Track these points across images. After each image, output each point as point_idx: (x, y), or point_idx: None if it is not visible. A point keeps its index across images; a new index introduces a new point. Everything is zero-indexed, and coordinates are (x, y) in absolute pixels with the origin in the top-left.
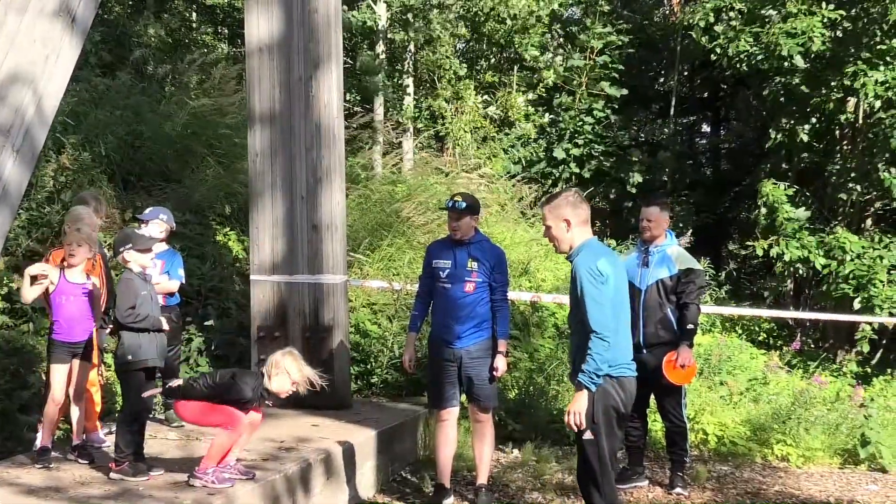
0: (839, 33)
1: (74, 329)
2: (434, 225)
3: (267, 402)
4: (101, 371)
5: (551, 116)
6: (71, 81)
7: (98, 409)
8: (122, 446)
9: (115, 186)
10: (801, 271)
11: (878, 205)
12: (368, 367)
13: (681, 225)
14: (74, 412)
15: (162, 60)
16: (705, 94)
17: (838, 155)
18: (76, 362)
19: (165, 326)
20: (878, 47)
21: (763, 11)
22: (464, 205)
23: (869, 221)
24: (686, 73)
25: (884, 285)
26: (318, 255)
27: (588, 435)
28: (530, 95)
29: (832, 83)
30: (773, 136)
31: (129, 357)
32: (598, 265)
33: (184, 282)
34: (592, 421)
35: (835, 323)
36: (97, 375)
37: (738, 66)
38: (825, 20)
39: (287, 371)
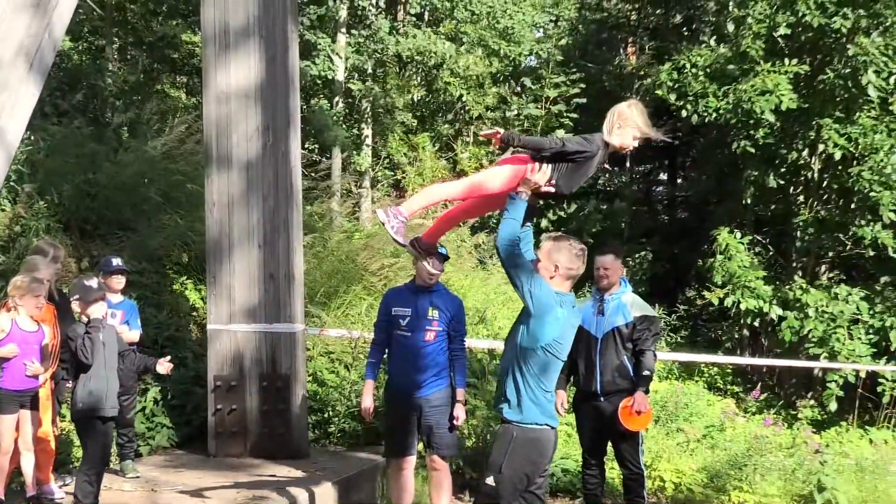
0: (803, 89)
1: (22, 377)
2: (389, 271)
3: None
4: (57, 422)
5: None
6: (26, 129)
7: (52, 460)
8: (80, 497)
9: (71, 235)
10: (756, 321)
11: (832, 255)
12: (326, 415)
13: (639, 273)
14: (26, 463)
15: (120, 109)
16: (660, 143)
17: (800, 206)
18: (23, 411)
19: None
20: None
21: (729, 68)
22: (445, 251)
23: (824, 269)
24: None
25: (845, 339)
26: (275, 303)
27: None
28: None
29: (799, 136)
30: (744, 188)
31: (80, 405)
32: None
33: (141, 332)
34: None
35: (790, 369)
36: (51, 426)
37: (705, 120)
38: (790, 76)
39: (636, 123)
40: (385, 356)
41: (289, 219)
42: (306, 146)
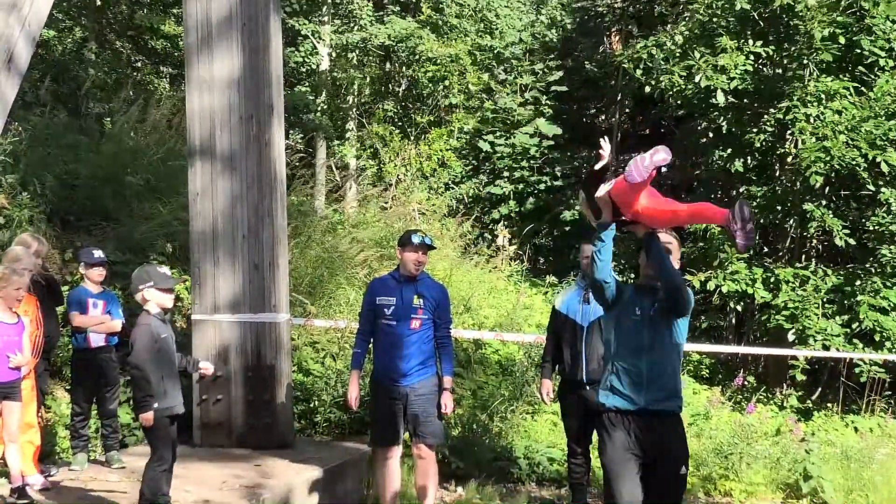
0: (765, 69)
1: (4, 369)
2: (373, 261)
3: None
4: (41, 413)
5: (486, 152)
6: (9, 119)
7: (37, 451)
8: (147, 494)
9: (54, 226)
10: (739, 305)
11: (814, 241)
12: (312, 405)
13: (623, 261)
14: (10, 453)
15: (102, 99)
16: (647, 131)
17: (769, 187)
18: (7, 403)
19: (203, 367)
20: (813, 85)
21: (694, 50)
22: (429, 241)
23: (805, 255)
24: (628, 111)
25: (818, 318)
26: (260, 293)
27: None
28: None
29: (764, 117)
30: (701, 171)
31: (155, 405)
32: None
33: (123, 322)
34: None
35: (775, 358)
36: (37, 417)
37: (670, 101)
38: (749, 55)
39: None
40: (371, 345)
41: (273, 208)
42: (290, 136)
